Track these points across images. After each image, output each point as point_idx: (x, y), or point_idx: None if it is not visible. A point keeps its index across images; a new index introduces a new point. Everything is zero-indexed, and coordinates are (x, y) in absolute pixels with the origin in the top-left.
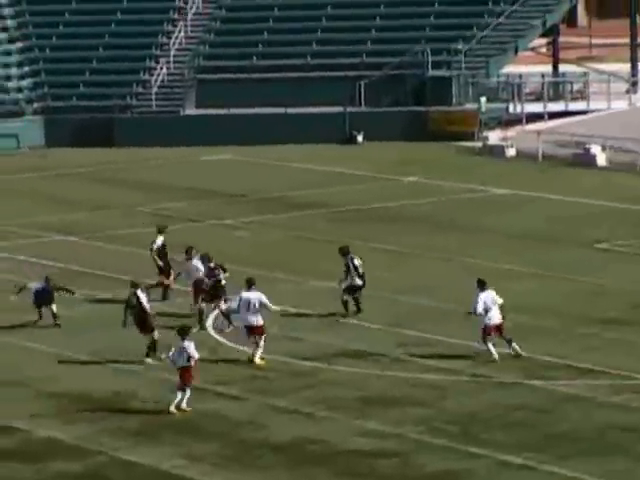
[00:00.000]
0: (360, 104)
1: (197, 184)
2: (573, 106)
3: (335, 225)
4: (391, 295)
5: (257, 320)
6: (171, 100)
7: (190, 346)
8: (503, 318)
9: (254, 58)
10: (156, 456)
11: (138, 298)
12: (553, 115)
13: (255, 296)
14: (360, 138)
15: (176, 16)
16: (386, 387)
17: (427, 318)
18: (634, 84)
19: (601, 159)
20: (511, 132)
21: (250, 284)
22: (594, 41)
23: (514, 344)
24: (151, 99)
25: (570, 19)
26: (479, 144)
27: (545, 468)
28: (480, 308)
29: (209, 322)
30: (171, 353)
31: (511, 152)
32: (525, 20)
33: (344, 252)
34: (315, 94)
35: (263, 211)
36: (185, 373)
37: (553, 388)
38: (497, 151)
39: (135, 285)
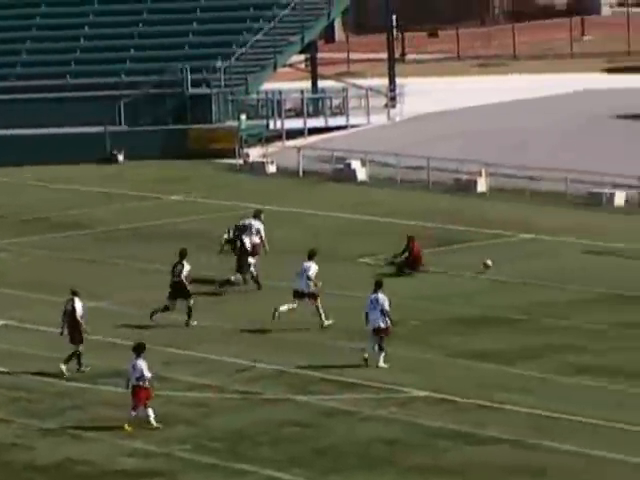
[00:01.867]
0: (120, 123)
1: None
2: (333, 121)
3: (98, 245)
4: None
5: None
6: None
7: (142, 364)
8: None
9: (13, 79)
10: None
11: (73, 306)
12: (313, 131)
13: (308, 265)
14: (121, 157)
15: None
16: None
17: (190, 336)
18: (392, 99)
19: (361, 174)
20: (272, 148)
21: (311, 255)
22: (352, 56)
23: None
24: None
25: (328, 35)
26: (240, 161)
27: None
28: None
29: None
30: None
31: (272, 168)
32: (283, 37)
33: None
34: (75, 114)
35: (24, 232)
36: (136, 392)
37: (318, 403)
38: (258, 168)
39: (74, 293)
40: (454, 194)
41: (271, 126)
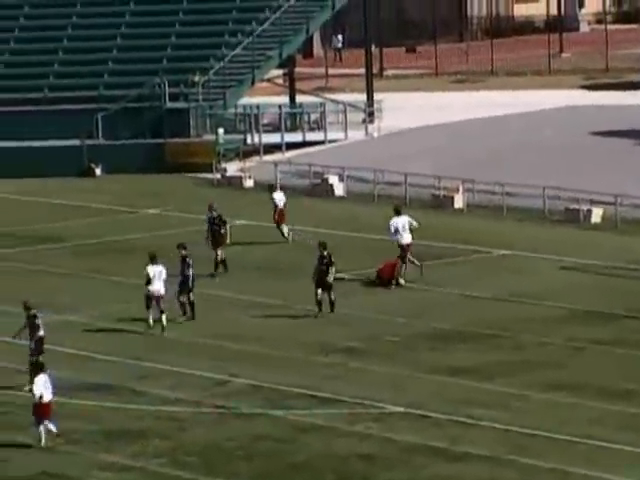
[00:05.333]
0: (98, 137)
1: None
2: (310, 136)
3: (73, 258)
4: (128, 327)
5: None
6: None
7: (38, 381)
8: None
9: None
10: None
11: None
12: (291, 145)
13: (405, 220)
14: (98, 171)
15: None
16: (126, 420)
17: (166, 349)
18: (370, 114)
19: (339, 189)
20: (249, 163)
21: (398, 211)
22: (330, 71)
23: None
24: None
25: (306, 50)
26: (217, 175)
27: None
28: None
29: None
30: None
31: (249, 183)
32: (261, 51)
33: None
34: (52, 127)
35: None
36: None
37: (294, 418)
38: (235, 182)
39: (28, 308)
40: (431, 210)
41: (249, 141)
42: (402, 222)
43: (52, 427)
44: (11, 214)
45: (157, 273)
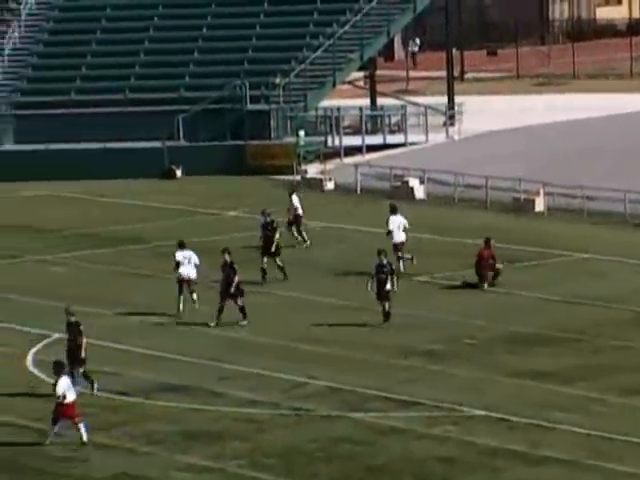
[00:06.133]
0: (179, 138)
1: (15, 220)
2: (391, 139)
3: (154, 259)
4: (205, 329)
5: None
6: None
7: (61, 382)
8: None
9: (72, 93)
10: None
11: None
12: (371, 148)
13: (400, 219)
14: (179, 172)
15: None
16: (206, 421)
17: (244, 351)
18: (451, 117)
19: (419, 192)
20: (329, 165)
21: (394, 210)
22: (411, 74)
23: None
24: None
25: (387, 52)
26: (298, 177)
27: None
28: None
29: None
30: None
31: (329, 185)
32: (343, 54)
33: None
34: (134, 128)
35: (82, 246)
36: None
37: (373, 420)
38: (315, 184)
39: (70, 313)
40: (512, 213)
41: (329, 143)
42: (398, 221)
43: (83, 432)
44: (93, 215)
45: (186, 258)
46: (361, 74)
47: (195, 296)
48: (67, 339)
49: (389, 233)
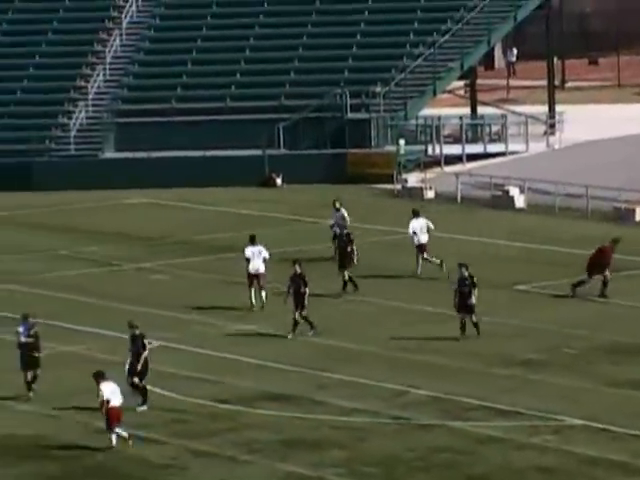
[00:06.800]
0: (279, 147)
1: (116, 228)
2: (491, 148)
3: None
4: (307, 338)
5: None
6: (90, 143)
7: (105, 388)
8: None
9: (173, 101)
10: None
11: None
12: (471, 157)
13: (422, 222)
14: (279, 181)
15: (94, 59)
16: (306, 429)
17: (343, 359)
18: (552, 126)
19: (519, 201)
20: (430, 174)
21: (416, 213)
22: (512, 83)
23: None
24: (70, 142)
25: (487, 61)
26: (398, 186)
27: None
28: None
29: None
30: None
31: (430, 194)
32: (443, 63)
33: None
34: (234, 137)
35: (182, 254)
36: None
37: (472, 430)
38: (416, 193)
39: (133, 327)
40: (612, 223)
41: (429, 152)
42: (420, 224)
43: (114, 438)
44: (191, 223)
45: (256, 252)
46: (461, 83)
47: (264, 294)
48: (130, 351)
49: (414, 234)
